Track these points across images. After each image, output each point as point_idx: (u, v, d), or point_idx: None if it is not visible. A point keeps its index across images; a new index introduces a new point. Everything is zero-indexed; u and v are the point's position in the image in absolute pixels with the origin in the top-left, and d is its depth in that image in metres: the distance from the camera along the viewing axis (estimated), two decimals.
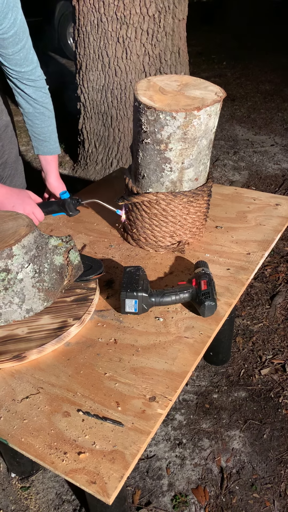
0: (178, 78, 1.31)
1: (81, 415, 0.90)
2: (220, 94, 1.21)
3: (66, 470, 0.81)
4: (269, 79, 5.51)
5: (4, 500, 1.51)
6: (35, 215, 1.39)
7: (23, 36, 1.31)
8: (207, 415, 1.75)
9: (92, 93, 3.04)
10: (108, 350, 1.05)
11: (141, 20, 2.73)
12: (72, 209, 1.47)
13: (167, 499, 1.50)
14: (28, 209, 1.36)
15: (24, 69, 1.37)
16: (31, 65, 1.38)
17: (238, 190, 1.73)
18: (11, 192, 1.35)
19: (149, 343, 1.07)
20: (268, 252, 1.38)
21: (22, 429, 0.88)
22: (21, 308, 1.09)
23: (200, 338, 1.07)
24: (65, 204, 1.46)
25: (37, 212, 1.39)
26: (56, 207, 1.48)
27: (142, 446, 0.84)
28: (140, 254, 1.39)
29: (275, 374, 1.90)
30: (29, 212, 1.36)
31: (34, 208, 1.38)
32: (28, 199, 1.38)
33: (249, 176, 3.49)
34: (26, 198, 1.37)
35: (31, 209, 1.37)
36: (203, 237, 1.45)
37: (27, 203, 1.36)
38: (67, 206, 1.46)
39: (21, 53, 1.33)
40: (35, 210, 1.39)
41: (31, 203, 1.38)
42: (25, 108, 1.48)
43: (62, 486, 1.54)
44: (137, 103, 1.19)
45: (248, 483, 1.53)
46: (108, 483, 0.79)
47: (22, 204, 1.35)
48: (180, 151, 1.21)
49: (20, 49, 1.32)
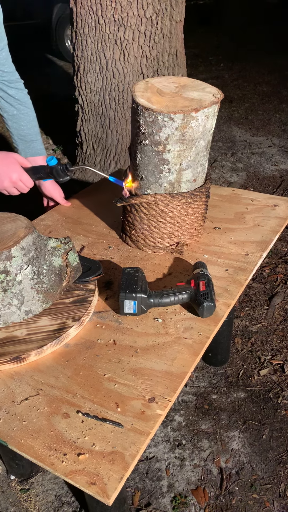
0: (176, 79, 1.31)
1: (81, 416, 0.90)
2: (218, 95, 1.21)
3: (66, 472, 0.81)
4: (267, 81, 5.52)
5: (4, 502, 1.51)
6: (23, 182, 1.30)
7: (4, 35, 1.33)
8: (206, 416, 1.75)
9: (90, 95, 3.04)
10: (107, 351, 1.05)
11: (139, 22, 2.74)
12: (61, 175, 1.39)
13: (166, 500, 1.50)
14: (15, 176, 1.27)
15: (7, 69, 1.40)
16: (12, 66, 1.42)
17: (236, 191, 1.74)
18: None
19: (148, 344, 1.07)
20: (266, 252, 1.38)
21: (21, 431, 0.88)
22: (20, 310, 1.09)
23: (199, 339, 1.08)
24: (53, 170, 1.39)
25: (24, 178, 1.30)
26: (44, 174, 1.40)
27: (142, 447, 0.84)
28: (139, 255, 1.39)
29: (274, 374, 1.90)
30: (16, 179, 1.28)
31: (22, 175, 1.29)
32: (15, 164, 1.29)
33: (247, 177, 3.50)
34: (11, 164, 1.28)
35: (18, 176, 1.28)
36: (202, 238, 1.45)
37: (13, 170, 1.27)
38: (55, 173, 1.39)
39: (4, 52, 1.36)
40: (23, 176, 1.30)
41: (17, 169, 1.29)
42: (9, 111, 1.46)
43: (62, 488, 1.53)
44: (135, 105, 1.19)
45: (247, 484, 1.53)
46: (108, 484, 0.79)
47: (7, 171, 1.26)
48: (178, 153, 1.21)
49: (3, 47, 1.34)
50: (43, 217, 1.62)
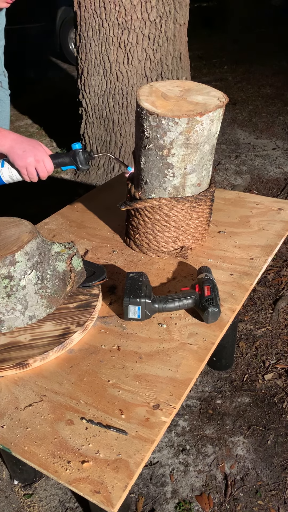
0: (180, 83, 1.31)
1: (85, 423, 0.90)
2: (223, 99, 1.21)
3: (70, 480, 0.80)
4: (270, 83, 5.51)
5: (7, 507, 1.50)
6: (44, 163, 1.31)
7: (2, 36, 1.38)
8: (211, 421, 1.74)
9: (94, 98, 3.04)
10: (111, 357, 1.05)
11: (143, 25, 2.74)
12: (83, 162, 1.37)
13: (170, 507, 1.48)
14: (39, 155, 1.29)
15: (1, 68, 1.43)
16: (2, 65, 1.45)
17: (240, 194, 1.73)
18: (22, 138, 1.29)
19: (153, 350, 1.06)
20: (271, 257, 1.37)
21: (25, 438, 0.88)
22: (24, 315, 1.08)
23: (204, 344, 1.07)
24: (76, 156, 1.36)
25: (47, 161, 1.31)
26: (67, 158, 1.37)
27: (146, 454, 0.84)
28: (143, 260, 1.39)
29: (279, 379, 1.89)
30: (39, 159, 1.29)
31: (45, 157, 1.31)
32: (39, 146, 1.32)
33: (251, 180, 3.49)
34: (37, 145, 1.31)
35: (42, 157, 1.30)
36: (206, 242, 1.44)
37: (38, 150, 1.30)
38: (78, 158, 1.36)
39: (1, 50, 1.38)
40: (45, 158, 1.31)
41: (42, 150, 1.31)
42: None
43: (65, 494, 1.53)
44: (140, 109, 1.19)
45: (252, 490, 1.52)
46: (112, 492, 0.78)
47: (33, 150, 1.29)
48: (183, 157, 1.21)
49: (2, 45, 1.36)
50: (47, 220, 1.62)
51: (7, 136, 1.26)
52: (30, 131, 4.38)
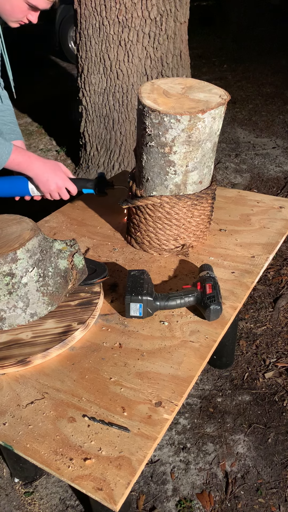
0: (182, 81, 1.30)
1: (87, 421, 0.90)
2: (225, 97, 1.20)
3: (72, 477, 0.80)
4: (270, 82, 5.51)
5: (8, 505, 1.50)
6: (68, 188, 1.41)
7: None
8: (211, 419, 1.74)
9: (94, 96, 3.03)
10: (113, 355, 1.05)
11: (143, 23, 2.73)
12: (102, 190, 1.46)
13: (171, 504, 1.48)
14: (61, 183, 1.39)
15: None
16: None
17: (241, 192, 1.73)
18: (45, 165, 1.37)
19: (154, 348, 1.06)
20: (272, 255, 1.37)
21: (27, 435, 0.88)
22: (26, 312, 1.08)
23: (206, 342, 1.07)
24: (99, 183, 1.46)
25: (70, 185, 1.41)
26: (88, 184, 1.47)
27: (149, 452, 0.83)
28: (144, 258, 1.38)
29: (279, 377, 1.89)
30: (61, 186, 1.39)
31: (67, 182, 1.40)
32: (61, 172, 1.40)
33: (251, 179, 3.49)
34: (58, 171, 1.40)
35: (63, 184, 1.39)
36: (207, 240, 1.44)
37: (60, 177, 1.39)
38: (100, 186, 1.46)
39: None
40: (68, 183, 1.41)
41: (64, 177, 1.40)
42: None
43: (66, 491, 1.53)
44: (141, 106, 1.18)
45: (253, 488, 1.52)
46: (114, 489, 0.78)
47: (55, 177, 1.37)
48: (185, 154, 1.21)
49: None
50: (48, 218, 1.62)
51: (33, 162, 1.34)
52: (29, 129, 4.38)
